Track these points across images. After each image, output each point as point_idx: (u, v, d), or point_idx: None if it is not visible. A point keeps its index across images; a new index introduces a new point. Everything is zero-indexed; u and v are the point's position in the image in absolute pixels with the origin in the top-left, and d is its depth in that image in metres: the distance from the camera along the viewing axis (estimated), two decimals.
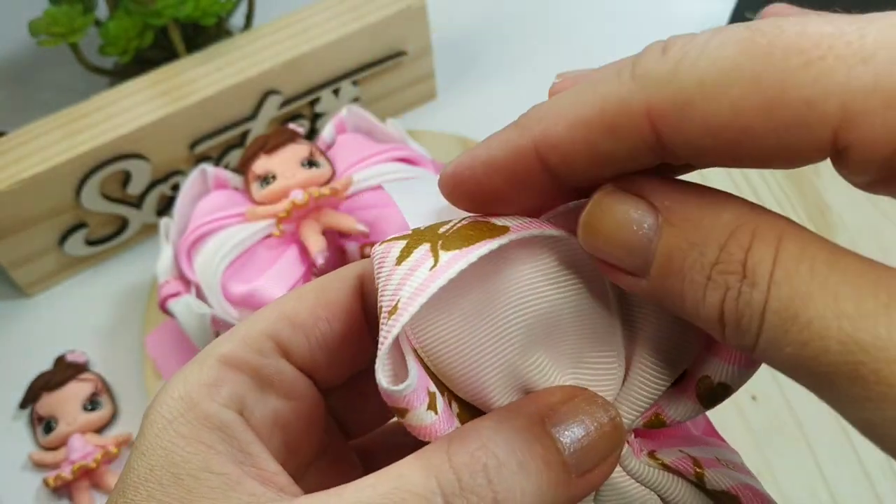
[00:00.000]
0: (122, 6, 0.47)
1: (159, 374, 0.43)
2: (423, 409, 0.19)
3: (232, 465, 0.17)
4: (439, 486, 0.16)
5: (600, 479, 0.18)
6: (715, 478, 0.20)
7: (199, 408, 0.18)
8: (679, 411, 0.20)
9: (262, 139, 0.42)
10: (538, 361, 0.20)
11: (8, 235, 0.45)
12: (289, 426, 0.20)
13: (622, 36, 0.60)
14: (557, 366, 0.20)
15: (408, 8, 0.49)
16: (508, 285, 0.19)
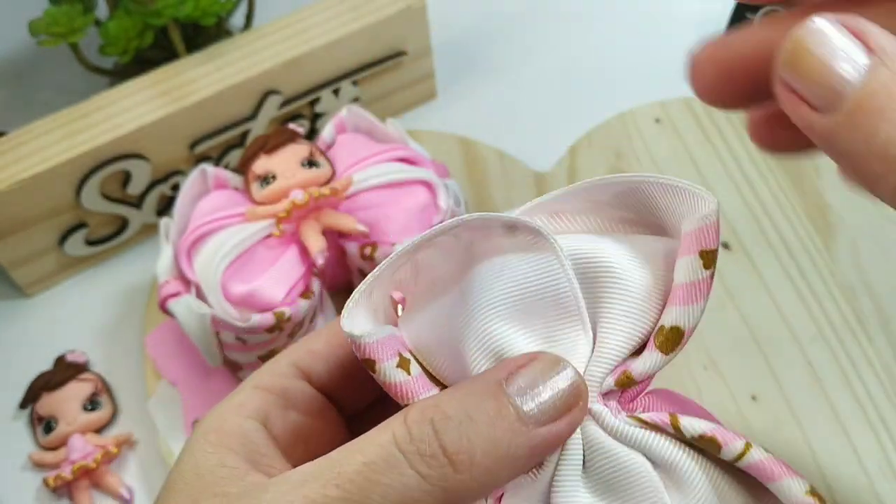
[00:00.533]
0: (122, 6, 0.47)
1: (159, 374, 0.43)
2: (391, 364, 0.21)
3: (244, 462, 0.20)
4: (394, 439, 0.19)
5: (566, 429, 0.20)
6: (690, 424, 0.22)
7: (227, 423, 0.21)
8: (644, 364, 0.22)
9: (262, 139, 0.42)
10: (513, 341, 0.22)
11: (8, 235, 0.45)
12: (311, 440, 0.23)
13: (621, 36, 0.60)
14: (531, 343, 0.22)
15: (408, 8, 0.49)
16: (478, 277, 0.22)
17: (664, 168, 0.50)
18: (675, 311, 0.22)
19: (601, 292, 0.23)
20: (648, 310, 0.22)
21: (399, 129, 0.43)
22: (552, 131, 0.53)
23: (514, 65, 0.58)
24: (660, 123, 0.52)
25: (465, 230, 0.22)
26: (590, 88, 0.57)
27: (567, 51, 0.59)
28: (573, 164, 0.51)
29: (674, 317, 0.22)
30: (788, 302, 0.44)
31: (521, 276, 0.22)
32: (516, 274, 0.22)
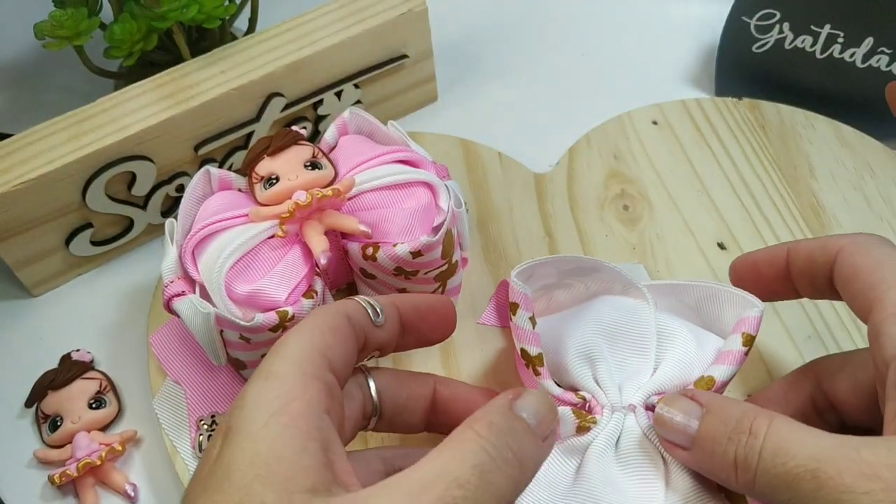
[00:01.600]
0: (127, 9, 0.48)
1: (164, 373, 0.44)
2: (527, 315, 0.36)
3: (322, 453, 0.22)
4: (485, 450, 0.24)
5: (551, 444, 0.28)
6: None
7: (295, 405, 0.23)
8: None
9: (265, 141, 0.42)
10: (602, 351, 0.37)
11: (14, 235, 0.45)
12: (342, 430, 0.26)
13: (619, 39, 0.60)
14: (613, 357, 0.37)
15: (409, 12, 0.50)
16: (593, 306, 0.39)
17: (661, 169, 0.51)
18: (713, 367, 0.35)
19: (668, 346, 0.37)
20: (692, 367, 0.36)
21: (400, 131, 0.44)
22: (551, 133, 0.54)
23: (514, 68, 0.59)
24: (657, 125, 0.53)
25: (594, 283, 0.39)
26: (588, 91, 0.57)
27: (566, 54, 0.59)
28: (572, 166, 0.51)
29: (712, 370, 0.35)
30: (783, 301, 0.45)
31: (622, 316, 0.38)
32: (620, 314, 0.38)
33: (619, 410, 0.35)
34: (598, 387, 0.36)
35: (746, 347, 0.35)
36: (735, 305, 0.37)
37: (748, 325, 0.35)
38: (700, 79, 0.57)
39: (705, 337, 0.38)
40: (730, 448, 0.27)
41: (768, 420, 0.27)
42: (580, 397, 0.36)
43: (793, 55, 0.53)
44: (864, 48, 0.51)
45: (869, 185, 0.49)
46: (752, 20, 0.53)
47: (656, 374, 0.36)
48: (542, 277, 0.39)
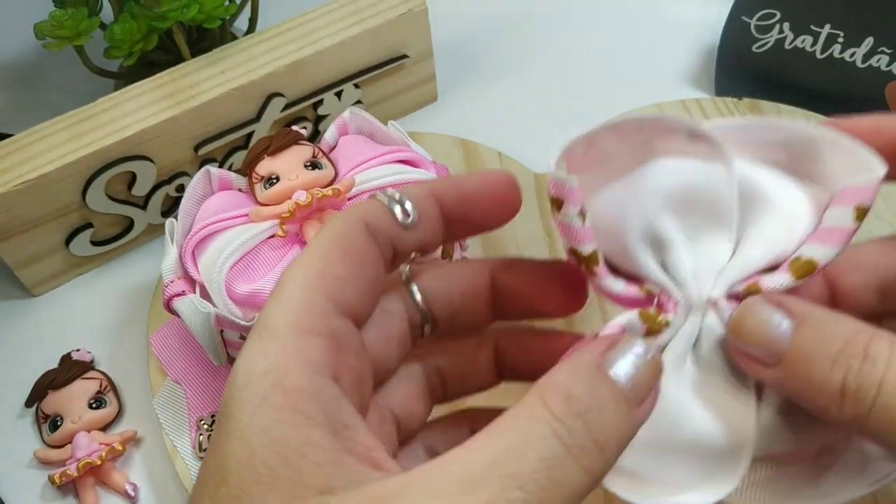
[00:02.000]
0: (127, 9, 0.48)
1: (164, 373, 0.44)
2: (575, 210, 0.25)
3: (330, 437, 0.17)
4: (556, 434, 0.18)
5: (650, 408, 0.21)
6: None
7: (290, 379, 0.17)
8: (774, 281, 0.26)
9: (265, 141, 0.42)
10: (667, 227, 0.26)
11: (14, 236, 0.45)
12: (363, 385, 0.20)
13: (619, 39, 0.60)
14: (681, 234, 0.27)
15: (409, 12, 0.50)
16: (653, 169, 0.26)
17: None
18: (817, 247, 0.26)
19: (753, 212, 0.26)
20: (789, 240, 0.26)
21: (400, 131, 0.44)
22: (551, 133, 0.54)
23: (514, 68, 0.59)
24: None
25: (650, 127, 0.26)
26: (588, 91, 0.57)
27: (566, 54, 0.59)
28: None
29: (814, 251, 0.26)
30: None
31: (692, 177, 0.26)
32: (689, 175, 0.26)
33: (697, 308, 0.26)
34: (669, 276, 0.26)
35: (859, 223, 0.26)
36: (845, 160, 0.26)
37: (864, 193, 0.25)
38: (700, 79, 0.57)
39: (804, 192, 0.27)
40: (836, 373, 0.21)
41: (890, 343, 0.21)
42: (645, 291, 0.27)
43: (793, 55, 0.53)
44: (864, 48, 0.51)
45: None
46: (753, 20, 0.53)
47: (740, 252, 0.26)
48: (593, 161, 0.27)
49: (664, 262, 0.27)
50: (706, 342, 0.26)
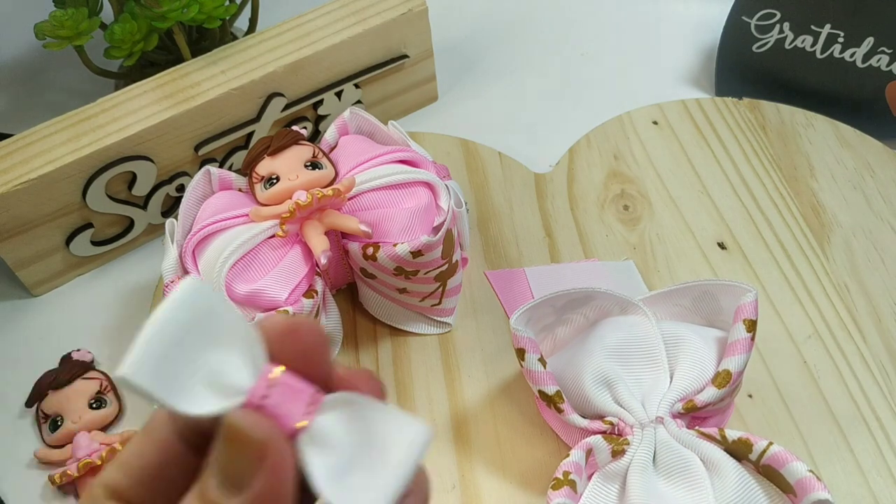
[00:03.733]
0: (128, 9, 0.48)
1: None
2: (535, 358, 0.36)
3: None
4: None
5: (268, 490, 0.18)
6: (731, 433, 0.34)
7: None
8: (704, 396, 0.36)
9: (265, 141, 0.42)
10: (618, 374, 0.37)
11: (14, 236, 0.45)
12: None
13: (620, 39, 0.60)
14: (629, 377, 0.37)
15: (409, 12, 0.50)
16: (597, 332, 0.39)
17: (661, 169, 0.51)
18: (725, 360, 0.36)
19: (677, 353, 0.38)
20: (706, 367, 0.37)
21: (401, 131, 0.44)
22: (551, 133, 0.54)
23: (515, 68, 0.59)
24: (657, 125, 0.53)
25: (591, 311, 0.40)
26: (588, 91, 0.57)
27: (566, 54, 0.60)
28: (572, 166, 0.51)
29: (728, 363, 0.36)
30: (784, 301, 0.45)
31: (626, 335, 0.38)
32: (624, 333, 0.38)
33: (648, 426, 0.36)
34: (622, 408, 0.36)
35: (751, 333, 0.36)
36: (730, 295, 0.38)
37: (747, 311, 0.36)
38: (700, 79, 0.57)
39: (710, 333, 0.39)
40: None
41: None
42: (608, 423, 0.36)
43: (793, 55, 0.53)
44: (864, 48, 0.51)
45: (869, 185, 0.49)
46: (753, 20, 0.53)
47: (675, 382, 0.37)
48: (541, 318, 0.39)
49: (616, 397, 0.36)
50: (662, 450, 0.35)
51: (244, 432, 0.17)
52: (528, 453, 0.40)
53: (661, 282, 0.46)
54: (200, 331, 0.18)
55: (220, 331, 0.18)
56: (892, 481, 0.39)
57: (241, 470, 0.17)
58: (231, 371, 0.18)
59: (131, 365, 0.17)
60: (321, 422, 0.18)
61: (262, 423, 0.17)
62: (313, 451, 0.18)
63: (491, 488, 0.39)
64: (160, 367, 0.17)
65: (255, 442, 0.17)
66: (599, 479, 0.35)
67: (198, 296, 0.18)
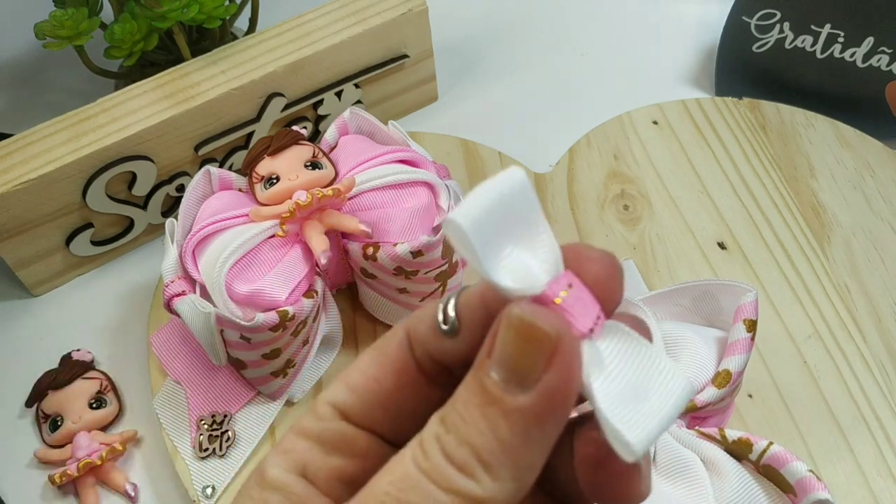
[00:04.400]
0: (128, 9, 0.48)
1: (164, 373, 0.44)
2: None
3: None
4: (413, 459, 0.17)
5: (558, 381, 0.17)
6: (731, 433, 0.34)
7: (266, 474, 0.20)
8: (704, 396, 0.36)
9: (265, 141, 0.42)
10: None
11: (14, 235, 0.45)
12: (359, 482, 0.20)
13: (620, 39, 0.60)
14: None
15: (409, 12, 0.50)
16: None
17: (661, 169, 0.51)
18: (725, 360, 0.36)
19: (677, 353, 0.37)
20: (706, 367, 0.37)
21: (401, 131, 0.44)
22: (551, 133, 0.54)
23: (514, 67, 0.59)
24: (657, 125, 0.53)
25: None
26: (588, 91, 0.57)
27: (566, 54, 0.59)
28: (572, 166, 0.51)
29: (725, 364, 0.36)
30: (784, 301, 0.45)
31: None
32: None
33: None
34: None
35: (751, 333, 0.36)
36: (730, 295, 0.38)
37: (747, 311, 0.36)
38: (700, 79, 0.57)
39: (710, 333, 0.39)
40: None
41: None
42: None
43: (793, 55, 0.53)
44: (864, 48, 0.51)
45: (869, 185, 0.49)
46: (753, 20, 0.53)
47: None
48: None
49: None
50: (661, 450, 0.35)
51: (538, 325, 0.17)
52: None
53: (661, 282, 0.46)
54: (517, 217, 0.18)
55: (531, 225, 0.18)
56: (892, 481, 0.39)
57: (530, 365, 0.17)
58: (530, 264, 0.18)
59: (464, 213, 0.17)
60: (601, 342, 0.18)
61: (556, 317, 0.17)
62: (593, 363, 0.17)
63: None
64: (485, 227, 0.17)
65: (549, 337, 0.17)
66: None
67: (523, 185, 0.18)
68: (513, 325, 0.17)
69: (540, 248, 0.18)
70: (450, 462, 0.17)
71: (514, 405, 0.17)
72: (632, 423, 0.17)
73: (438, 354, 0.20)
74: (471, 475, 0.17)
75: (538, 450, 0.17)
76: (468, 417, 0.17)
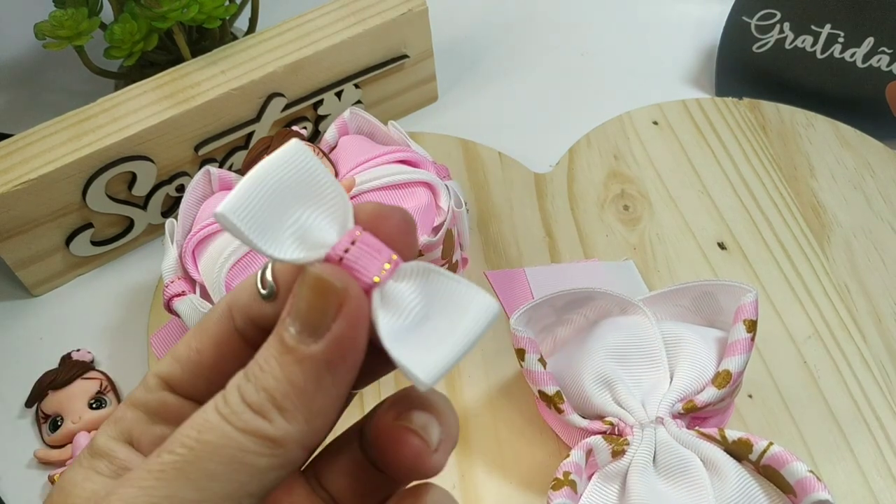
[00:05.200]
0: (128, 9, 0.48)
1: None
2: (535, 358, 0.36)
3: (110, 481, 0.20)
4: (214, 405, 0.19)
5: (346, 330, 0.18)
6: (731, 434, 0.34)
7: (95, 442, 0.21)
8: (704, 396, 0.36)
9: (265, 141, 0.42)
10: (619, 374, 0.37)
11: (14, 236, 0.45)
12: None
13: (620, 39, 0.60)
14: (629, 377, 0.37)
15: (409, 12, 0.50)
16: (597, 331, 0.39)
17: (661, 169, 0.51)
18: (725, 361, 0.36)
19: (677, 353, 0.38)
20: (706, 367, 0.37)
21: (401, 131, 0.44)
22: (552, 133, 0.54)
23: (515, 68, 0.59)
24: (657, 125, 0.53)
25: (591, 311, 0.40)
26: (588, 91, 0.57)
27: (566, 54, 0.59)
28: (572, 166, 0.51)
29: (725, 364, 0.36)
30: (784, 301, 0.45)
31: (626, 335, 0.38)
32: (624, 333, 0.38)
33: (648, 426, 0.35)
34: (622, 408, 0.36)
35: (751, 333, 0.36)
36: (730, 295, 0.38)
37: (747, 311, 0.36)
38: (700, 79, 0.57)
39: (710, 333, 0.39)
40: None
41: None
42: (608, 423, 0.36)
43: (793, 55, 0.53)
44: (864, 48, 0.51)
45: (869, 185, 0.49)
46: (753, 20, 0.53)
47: (674, 382, 0.37)
48: (541, 318, 0.39)
49: (616, 397, 0.36)
50: (662, 451, 0.35)
51: (325, 280, 0.18)
52: (528, 453, 0.40)
53: (661, 282, 0.46)
54: (297, 187, 0.19)
55: (314, 191, 0.19)
56: (892, 481, 0.39)
57: (320, 317, 0.18)
58: (319, 227, 0.19)
59: (230, 204, 0.18)
60: (395, 286, 0.19)
61: (342, 273, 0.18)
62: (385, 309, 0.19)
63: (491, 489, 0.39)
64: (256, 211, 0.18)
65: (335, 290, 0.18)
66: (599, 480, 0.35)
67: (300, 156, 0.19)
68: (306, 281, 0.18)
69: (326, 211, 0.19)
70: (247, 405, 0.18)
71: (307, 353, 0.18)
72: (421, 357, 0.18)
73: (260, 319, 0.21)
74: (265, 416, 0.18)
75: (329, 395, 0.18)
76: (266, 366, 0.19)
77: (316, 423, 0.19)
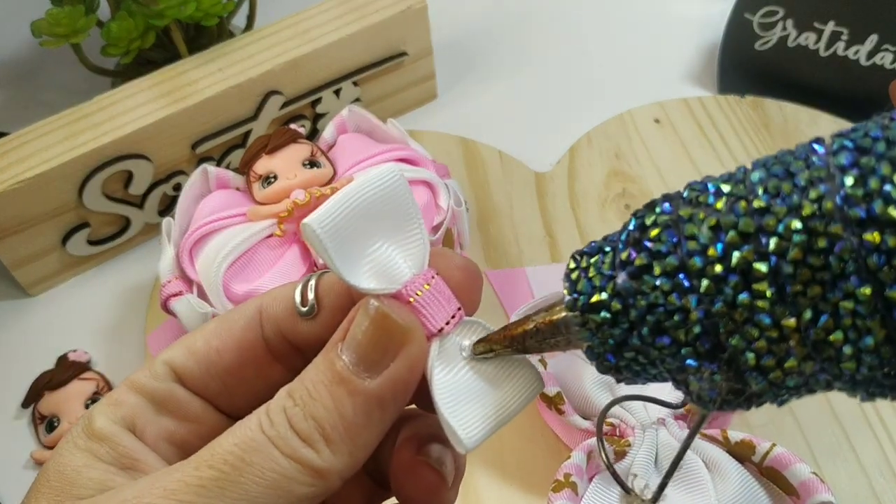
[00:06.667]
0: (125, 7, 0.47)
1: None
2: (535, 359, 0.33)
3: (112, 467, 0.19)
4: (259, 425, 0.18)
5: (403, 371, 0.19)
6: (733, 435, 0.34)
7: (93, 423, 0.20)
8: None
9: (263, 139, 0.42)
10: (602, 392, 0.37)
11: (10, 235, 0.45)
12: (187, 445, 0.21)
13: (621, 37, 0.60)
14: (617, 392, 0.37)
15: (408, 9, 0.50)
16: None
17: (663, 167, 0.50)
18: None
19: None
20: None
21: (400, 130, 0.44)
22: (552, 132, 0.53)
23: (515, 66, 0.58)
24: (659, 124, 0.53)
25: None
26: (589, 89, 0.57)
27: (567, 52, 0.59)
28: (573, 165, 0.51)
29: None
30: None
31: None
32: None
33: (649, 427, 0.35)
34: (624, 409, 0.36)
35: None
36: None
37: None
38: (702, 77, 0.57)
39: None
40: None
41: None
42: (609, 424, 0.36)
43: (796, 53, 0.52)
44: (868, 45, 0.50)
45: None
46: (755, 17, 0.52)
47: None
48: None
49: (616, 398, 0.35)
50: (663, 452, 0.34)
51: (391, 317, 0.18)
52: (529, 455, 0.40)
53: None
54: (385, 213, 0.19)
55: (401, 221, 0.19)
56: (895, 481, 0.38)
57: (380, 354, 0.18)
58: (396, 261, 0.19)
59: (320, 217, 0.18)
60: (454, 339, 0.19)
61: (409, 314, 0.19)
62: (441, 361, 0.19)
63: (491, 490, 0.39)
64: (341, 229, 0.18)
65: (400, 329, 0.18)
66: (601, 481, 0.35)
67: (393, 181, 0.19)
68: (370, 314, 0.18)
69: (410, 245, 0.19)
70: (295, 432, 0.18)
71: (361, 388, 0.18)
72: (466, 420, 0.18)
73: (293, 335, 0.20)
74: (313, 446, 0.18)
75: (375, 431, 0.19)
76: (316, 394, 0.18)
77: (359, 457, 0.19)
